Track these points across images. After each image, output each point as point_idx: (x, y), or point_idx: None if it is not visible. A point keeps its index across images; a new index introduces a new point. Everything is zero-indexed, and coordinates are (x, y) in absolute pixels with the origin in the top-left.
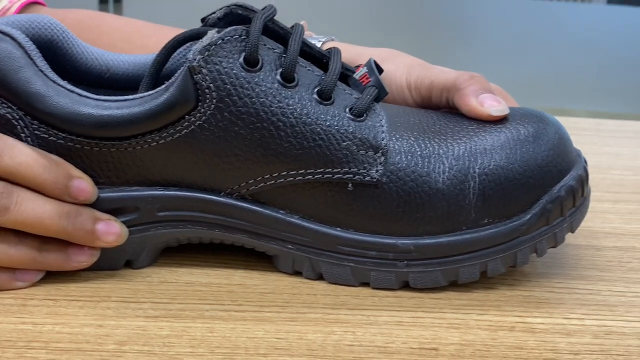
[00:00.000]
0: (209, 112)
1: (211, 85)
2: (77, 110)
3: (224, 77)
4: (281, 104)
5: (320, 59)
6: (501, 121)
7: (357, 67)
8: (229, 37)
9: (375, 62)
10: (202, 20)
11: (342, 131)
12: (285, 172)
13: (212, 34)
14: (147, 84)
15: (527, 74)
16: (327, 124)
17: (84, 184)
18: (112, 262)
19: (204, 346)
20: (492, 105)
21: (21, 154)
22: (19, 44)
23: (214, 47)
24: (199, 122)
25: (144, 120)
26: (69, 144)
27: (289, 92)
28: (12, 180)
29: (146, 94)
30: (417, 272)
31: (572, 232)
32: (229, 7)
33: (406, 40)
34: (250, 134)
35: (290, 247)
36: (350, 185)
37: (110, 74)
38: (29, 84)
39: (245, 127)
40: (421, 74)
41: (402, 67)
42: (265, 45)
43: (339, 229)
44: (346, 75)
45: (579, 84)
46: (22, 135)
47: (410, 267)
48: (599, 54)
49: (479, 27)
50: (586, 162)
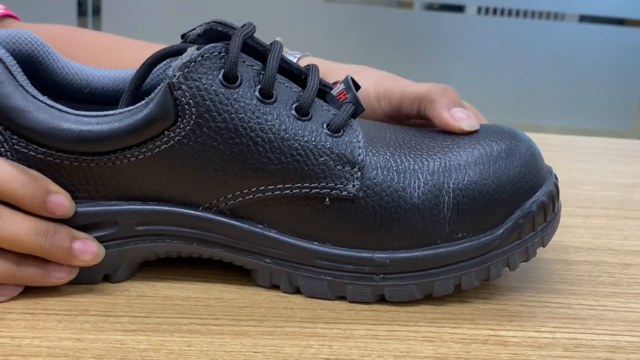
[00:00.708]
0: (188, 127)
1: (191, 101)
2: (57, 125)
3: (203, 93)
4: (260, 120)
5: (298, 75)
6: (475, 137)
7: (335, 83)
8: (208, 54)
9: (352, 79)
10: (182, 36)
11: (319, 147)
12: (263, 187)
13: (191, 51)
14: (127, 99)
15: (501, 90)
16: (305, 139)
17: (61, 199)
18: (90, 276)
19: None
20: (463, 119)
21: None
22: (0, 59)
23: (193, 63)
24: (178, 137)
25: (124, 135)
26: (49, 158)
27: (268, 108)
28: None
29: (126, 109)
30: (392, 286)
31: (544, 246)
32: (208, 23)
33: (381, 55)
34: (229, 149)
35: (268, 261)
36: (327, 199)
37: (90, 89)
38: (9, 99)
39: (224, 143)
40: (390, 85)
41: (370, 79)
42: (244, 62)
43: (316, 243)
44: (324, 91)
45: (551, 100)
46: (2, 149)
47: (386, 280)
48: (571, 71)
49: (453, 43)
50: (557, 178)
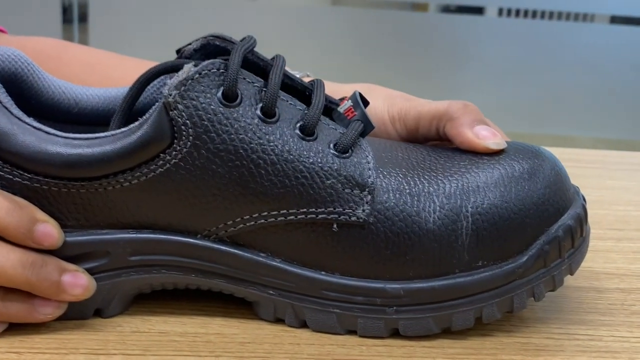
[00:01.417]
0: (185, 149)
1: (188, 121)
2: (44, 149)
3: (201, 112)
4: (261, 141)
5: (302, 91)
6: (494, 157)
7: (342, 100)
8: (206, 71)
9: (360, 94)
10: (178, 51)
11: (326, 168)
12: (265, 213)
13: (188, 68)
14: (118, 120)
15: (524, 98)
16: (310, 161)
17: (49, 228)
18: (80, 311)
19: None
20: (488, 137)
21: None
22: None
23: (190, 81)
24: (174, 160)
25: (116, 159)
26: (35, 185)
27: (270, 128)
28: None
29: (118, 131)
30: (407, 319)
31: (572, 274)
32: (205, 37)
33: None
34: (228, 173)
35: (271, 292)
36: (335, 225)
37: (79, 109)
38: None
39: (223, 165)
40: (404, 105)
41: (382, 100)
42: (244, 79)
43: (323, 272)
44: (330, 108)
45: (580, 109)
46: None
47: (400, 313)
48: (602, 76)
49: (472, 48)
50: (585, 199)
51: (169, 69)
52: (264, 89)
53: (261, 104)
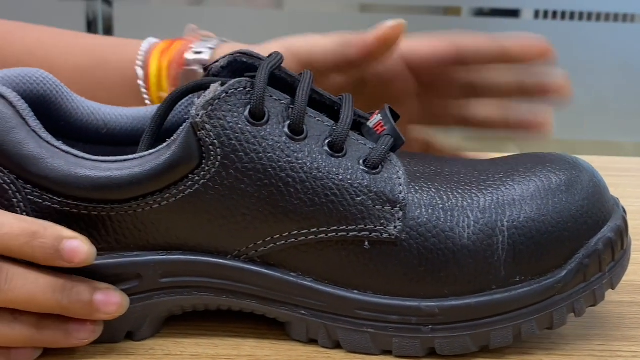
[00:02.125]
0: (213, 169)
1: (215, 141)
2: (73, 172)
3: (228, 132)
4: (290, 159)
5: (330, 107)
6: (530, 169)
7: (371, 114)
8: (233, 90)
9: (390, 108)
10: (205, 69)
11: (356, 185)
12: (296, 231)
13: (215, 87)
14: (147, 139)
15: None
16: (340, 177)
17: (76, 244)
18: (112, 334)
19: None
20: (386, 24)
21: (4, 226)
22: (10, 103)
23: (217, 101)
24: (203, 180)
25: (146, 181)
26: (65, 208)
27: (298, 146)
28: (0, 254)
29: (146, 153)
30: (443, 338)
31: (613, 288)
32: (232, 54)
33: None
34: (257, 192)
35: (303, 312)
36: (366, 243)
37: (107, 130)
38: (22, 146)
39: (252, 185)
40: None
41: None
42: (271, 96)
43: (356, 291)
44: (359, 123)
45: (623, 113)
46: (15, 200)
47: (436, 332)
48: None
49: None
50: (625, 211)
51: (196, 88)
52: (291, 106)
53: (289, 122)
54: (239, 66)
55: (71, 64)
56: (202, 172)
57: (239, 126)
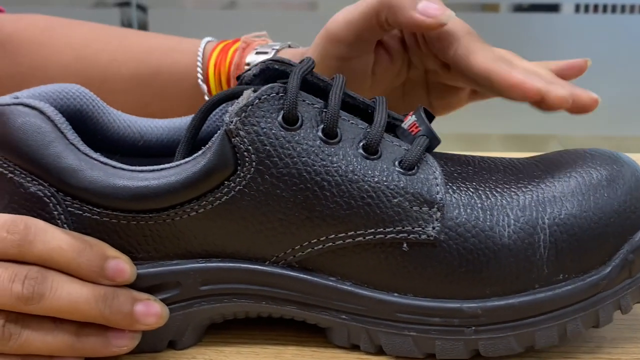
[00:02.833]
0: (248, 176)
1: (250, 147)
2: (112, 183)
3: (262, 138)
4: (325, 162)
5: (364, 110)
6: (570, 165)
7: (405, 115)
8: (266, 96)
9: (425, 109)
10: (237, 78)
11: (392, 187)
12: (333, 235)
13: (248, 94)
14: (183, 149)
15: (606, 99)
16: (376, 180)
17: (121, 264)
18: (153, 343)
19: None
20: (438, 13)
21: (54, 239)
22: (48, 118)
23: (250, 107)
24: (238, 187)
25: (182, 189)
26: (105, 219)
27: (332, 149)
28: (46, 265)
29: (182, 161)
30: (487, 339)
31: None
32: (264, 62)
33: None
34: (293, 197)
35: (344, 317)
36: (405, 245)
37: (144, 142)
38: (60, 159)
39: (287, 190)
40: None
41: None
42: (304, 101)
43: (396, 294)
44: (393, 125)
45: None
46: (55, 212)
47: (479, 333)
48: None
49: (548, 48)
50: None
51: (230, 96)
52: (324, 109)
53: (322, 125)
54: (271, 74)
55: (125, 72)
56: (238, 179)
57: (273, 131)
